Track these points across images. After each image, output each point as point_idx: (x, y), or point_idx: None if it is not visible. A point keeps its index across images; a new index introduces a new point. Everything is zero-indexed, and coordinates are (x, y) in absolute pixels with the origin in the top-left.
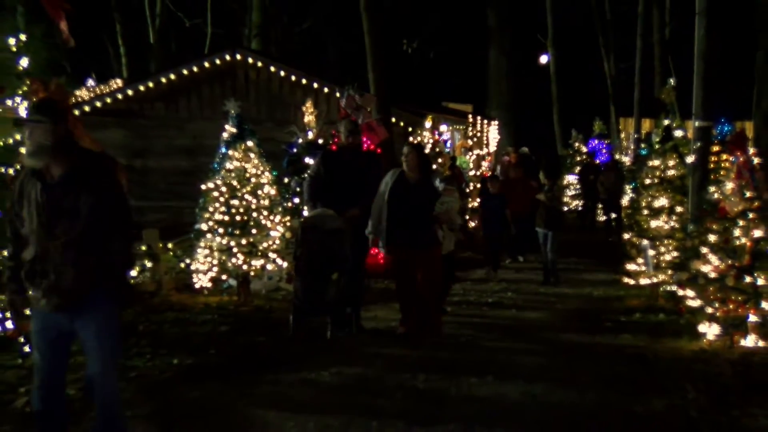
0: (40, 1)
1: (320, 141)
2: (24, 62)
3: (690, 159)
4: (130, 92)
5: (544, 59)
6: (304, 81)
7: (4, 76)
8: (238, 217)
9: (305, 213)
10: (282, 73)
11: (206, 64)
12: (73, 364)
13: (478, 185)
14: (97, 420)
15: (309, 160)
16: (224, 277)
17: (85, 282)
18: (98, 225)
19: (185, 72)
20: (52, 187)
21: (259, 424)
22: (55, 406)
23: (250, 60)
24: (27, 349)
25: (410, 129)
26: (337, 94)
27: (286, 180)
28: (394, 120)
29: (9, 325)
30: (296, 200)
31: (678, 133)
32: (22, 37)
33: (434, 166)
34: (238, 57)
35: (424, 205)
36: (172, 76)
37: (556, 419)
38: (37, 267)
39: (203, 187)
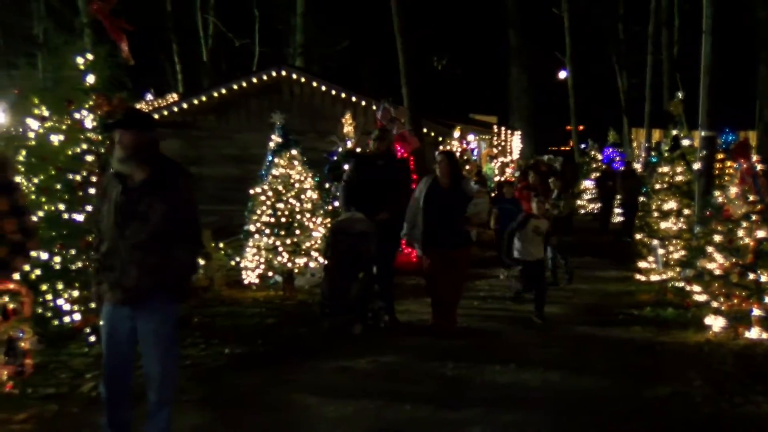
0: (104, 24)
1: (358, 150)
2: (90, 79)
3: (696, 166)
4: (185, 105)
5: (562, 75)
6: (343, 95)
7: (72, 92)
8: (283, 219)
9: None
10: (323, 88)
11: (254, 80)
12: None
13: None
14: (149, 417)
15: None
16: (270, 273)
17: (147, 283)
18: (166, 231)
19: (235, 87)
20: (131, 191)
21: (302, 408)
22: (120, 393)
23: (294, 76)
24: (92, 338)
25: (440, 139)
26: (374, 107)
27: (327, 185)
28: (425, 130)
29: (76, 317)
30: (336, 204)
31: (685, 143)
32: (89, 56)
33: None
34: (284, 73)
35: (456, 208)
36: (223, 91)
37: (571, 404)
38: (107, 262)
39: (251, 192)
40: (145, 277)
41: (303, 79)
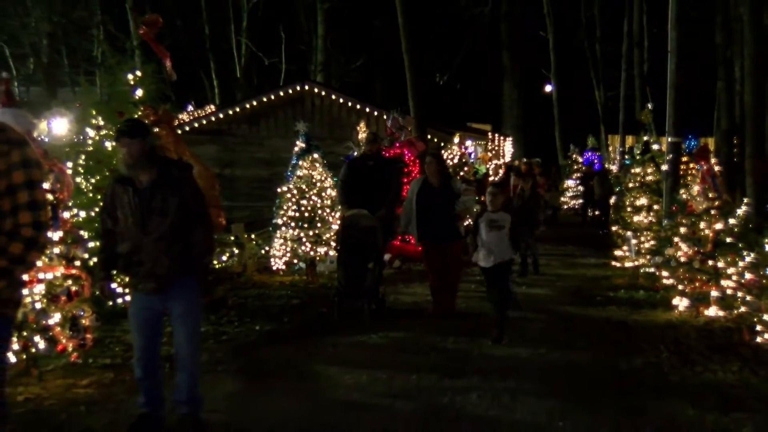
0: (152, 46)
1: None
2: (139, 93)
3: (664, 167)
4: (221, 115)
5: (548, 89)
6: (358, 106)
7: (123, 104)
8: (306, 214)
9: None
10: (341, 100)
11: (281, 93)
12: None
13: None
14: (179, 386)
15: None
16: (295, 261)
17: (175, 268)
18: (183, 220)
19: (264, 99)
20: (142, 192)
21: (323, 377)
22: (152, 372)
23: (316, 90)
24: None
25: (442, 144)
26: (384, 117)
27: None
28: (429, 137)
29: (128, 299)
30: None
31: (654, 147)
32: (138, 73)
33: (461, 174)
34: (306, 88)
35: (445, 204)
36: (254, 103)
37: (556, 373)
38: (133, 258)
39: (279, 190)
40: (173, 264)
41: (323, 93)
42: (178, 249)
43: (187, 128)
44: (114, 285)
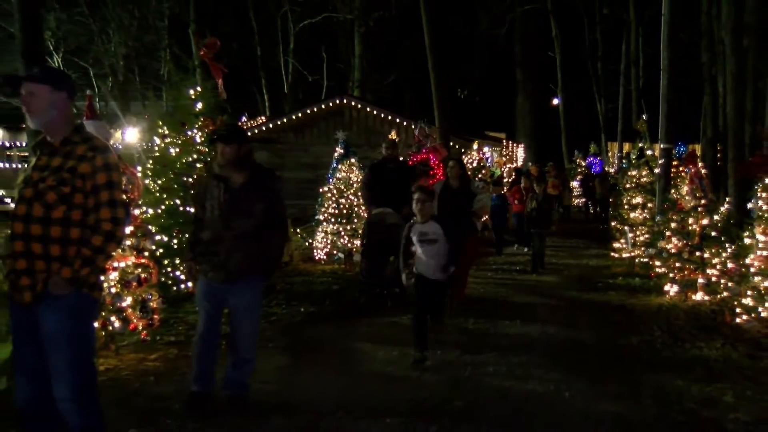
0: (209, 66)
1: (401, 158)
2: (199, 106)
3: (657, 170)
4: (270, 125)
5: (555, 101)
6: (390, 117)
7: (185, 116)
8: (344, 211)
9: (363, 213)
10: (375, 112)
11: (323, 106)
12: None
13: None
14: (232, 371)
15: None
16: (335, 252)
17: (248, 265)
18: (264, 223)
19: (308, 111)
20: (233, 191)
21: (359, 353)
22: (209, 353)
23: (353, 103)
24: None
25: (463, 150)
26: (413, 126)
27: None
28: (451, 144)
29: (190, 284)
30: None
31: (649, 153)
32: (199, 89)
33: (479, 176)
34: (345, 101)
35: (463, 204)
36: (300, 114)
37: (563, 349)
38: (211, 248)
39: (321, 190)
40: (247, 261)
41: (360, 105)
42: (253, 248)
43: None
44: (178, 272)
